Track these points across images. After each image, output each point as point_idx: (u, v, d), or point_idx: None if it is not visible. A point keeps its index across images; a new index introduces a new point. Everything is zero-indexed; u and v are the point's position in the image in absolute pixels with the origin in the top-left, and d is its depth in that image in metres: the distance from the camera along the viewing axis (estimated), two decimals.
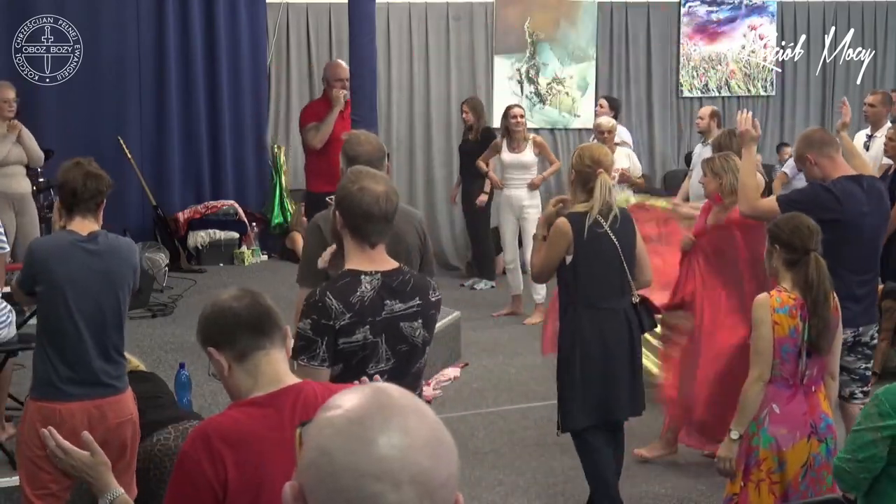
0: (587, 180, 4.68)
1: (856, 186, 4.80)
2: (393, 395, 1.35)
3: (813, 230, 3.94)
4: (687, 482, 5.57)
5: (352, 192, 3.19)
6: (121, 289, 4.10)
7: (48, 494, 4.00)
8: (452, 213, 11.01)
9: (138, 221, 10.28)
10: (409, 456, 1.28)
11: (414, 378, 3.29)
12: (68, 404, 3.96)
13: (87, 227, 4.07)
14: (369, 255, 3.22)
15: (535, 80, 11.51)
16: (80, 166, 4.11)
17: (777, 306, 3.88)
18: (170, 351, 7.54)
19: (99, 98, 10.04)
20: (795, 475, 3.88)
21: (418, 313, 3.23)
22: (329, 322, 3.10)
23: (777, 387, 3.91)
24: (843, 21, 12.41)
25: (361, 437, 1.28)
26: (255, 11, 10.65)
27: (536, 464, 5.82)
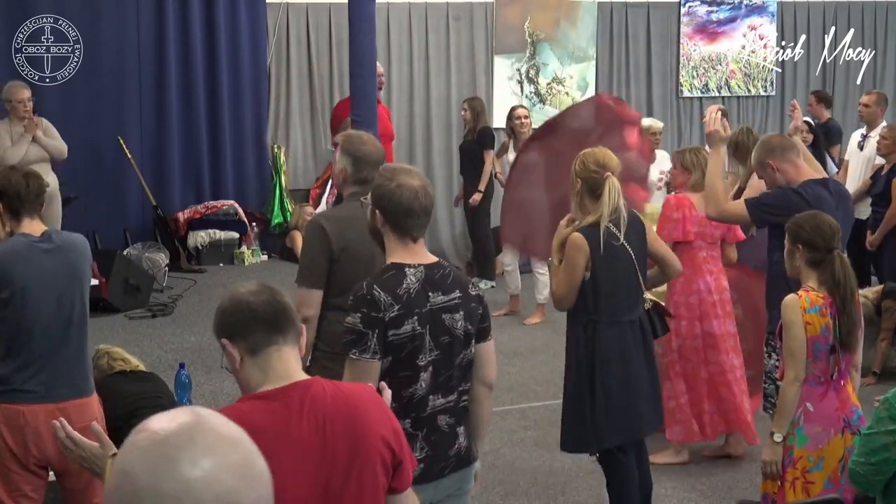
0: (595, 187, 4.45)
1: (824, 190, 4.76)
2: (203, 417, 1.31)
3: (835, 229, 3.93)
4: (687, 482, 5.57)
5: (390, 189, 3.23)
6: (82, 284, 4.09)
7: (22, 496, 3.98)
8: (452, 214, 11.01)
9: (138, 221, 10.29)
10: (214, 476, 1.25)
11: (460, 370, 3.30)
12: (31, 406, 3.93)
13: (37, 227, 4.04)
14: (411, 249, 3.27)
15: (535, 80, 11.51)
16: (17, 170, 4.14)
17: (807, 306, 3.88)
18: (170, 351, 7.55)
19: (99, 98, 10.04)
20: (835, 470, 3.91)
21: (459, 305, 3.26)
22: (379, 314, 3.12)
23: (809, 385, 3.93)
24: (843, 21, 12.42)
25: (163, 457, 1.25)
26: (255, 11, 10.65)
27: (536, 464, 5.82)
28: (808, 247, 3.94)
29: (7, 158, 7.78)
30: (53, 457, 3.97)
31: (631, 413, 4.57)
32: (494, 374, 3.45)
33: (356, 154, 4.10)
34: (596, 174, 4.44)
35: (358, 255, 3.90)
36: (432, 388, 3.22)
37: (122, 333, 8.00)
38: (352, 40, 7.20)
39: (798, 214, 4.10)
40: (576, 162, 4.57)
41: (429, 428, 3.24)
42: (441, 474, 3.29)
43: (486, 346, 3.38)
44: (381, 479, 2.45)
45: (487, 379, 3.41)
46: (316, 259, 3.98)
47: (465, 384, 3.34)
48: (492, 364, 3.42)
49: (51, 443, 3.94)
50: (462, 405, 3.35)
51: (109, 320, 8.33)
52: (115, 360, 5.20)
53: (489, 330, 3.39)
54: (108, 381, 5.06)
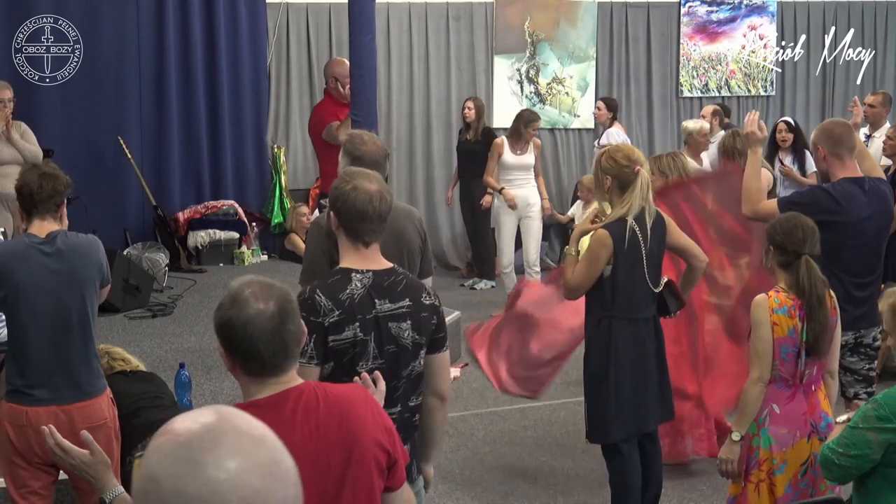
0: (626, 181, 4.45)
1: (857, 188, 4.76)
2: (227, 417, 1.30)
3: (807, 233, 3.91)
4: (687, 482, 5.57)
5: (345, 191, 3.20)
6: (85, 288, 4.04)
7: (31, 493, 3.99)
8: (452, 214, 11.01)
9: (138, 221, 10.28)
10: (240, 477, 1.24)
11: (408, 382, 3.24)
12: (35, 407, 3.93)
13: (45, 228, 4.01)
14: (363, 254, 3.22)
15: (535, 80, 11.51)
16: (37, 168, 4.11)
17: (775, 307, 3.88)
18: (170, 351, 7.54)
19: (99, 98, 10.03)
20: (795, 474, 3.89)
21: (407, 314, 3.20)
22: (318, 319, 3.08)
23: (777, 387, 3.91)
24: (843, 21, 12.41)
25: (188, 459, 1.24)
26: (255, 11, 10.65)
27: (536, 464, 5.82)
28: (778, 249, 3.94)
29: None
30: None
31: (639, 408, 4.60)
32: (447, 386, 3.40)
33: (355, 153, 4.09)
34: (627, 169, 4.45)
35: None
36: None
37: (122, 333, 7.99)
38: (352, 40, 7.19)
39: (777, 217, 4.13)
40: (601, 159, 4.57)
41: None
42: None
43: (440, 356, 3.32)
44: (376, 481, 2.44)
45: (439, 390, 3.36)
46: (317, 261, 3.98)
47: (414, 398, 3.27)
48: (444, 375, 3.36)
49: None
50: (410, 420, 3.28)
51: (109, 320, 8.32)
52: (115, 360, 5.20)
53: (444, 341, 3.32)
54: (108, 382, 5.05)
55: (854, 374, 4.90)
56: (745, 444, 3.94)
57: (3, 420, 3.97)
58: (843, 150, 4.82)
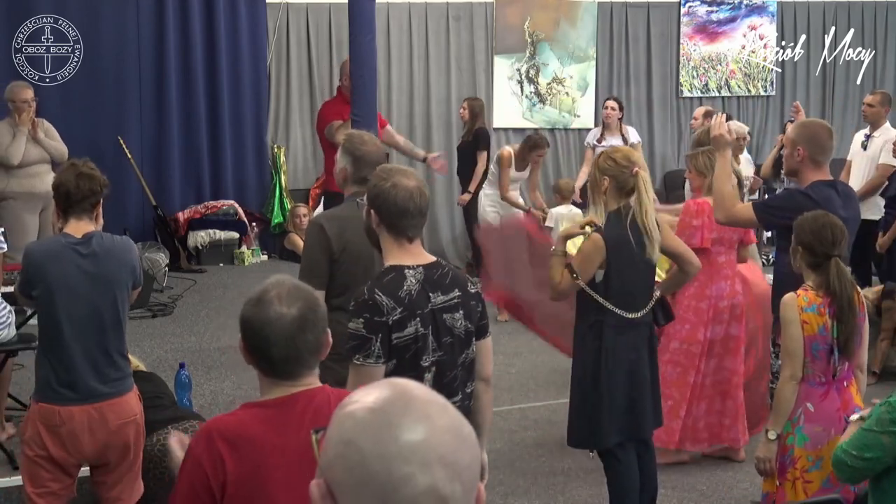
0: (624, 183, 4.40)
1: (832, 191, 4.73)
2: (410, 386, 1.36)
3: (837, 234, 3.88)
4: (687, 482, 5.57)
5: (385, 189, 3.22)
6: (118, 290, 4.05)
7: (49, 493, 4.00)
8: (453, 214, 11.02)
9: (138, 221, 10.29)
10: (434, 438, 1.29)
11: (464, 370, 3.30)
12: (68, 407, 3.95)
13: (82, 228, 4.03)
14: (408, 250, 3.26)
15: (535, 80, 11.51)
16: (74, 167, 4.09)
17: (805, 305, 3.87)
18: (170, 351, 7.55)
19: (99, 98, 10.04)
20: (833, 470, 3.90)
21: (459, 304, 3.26)
22: (382, 318, 3.12)
23: (810, 385, 3.92)
24: (843, 21, 12.42)
25: (385, 423, 1.29)
26: (255, 11, 10.66)
27: (536, 464, 5.82)
28: (807, 250, 3.93)
29: (8, 157, 7.78)
30: (90, 453, 4.01)
31: (633, 413, 4.57)
32: (491, 369, 3.47)
33: (356, 153, 4.09)
34: (626, 169, 4.39)
35: (358, 254, 3.89)
36: (437, 388, 3.18)
37: None
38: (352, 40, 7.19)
39: (807, 213, 4.05)
40: (598, 160, 4.51)
41: None
42: None
43: (485, 342, 3.39)
44: None
45: (484, 374, 3.43)
46: (317, 259, 3.98)
47: (469, 384, 3.33)
48: (489, 359, 3.44)
49: (87, 440, 3.96)
50: (468, 407, 3.34)
51: None
52: None
53: (487, 327, 3.40)
54: None
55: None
56: (780, 442, 3.95)
57: (35, 421, 3.98)
58: (823, 156, 4.78)
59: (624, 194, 4.42)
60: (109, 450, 4.04)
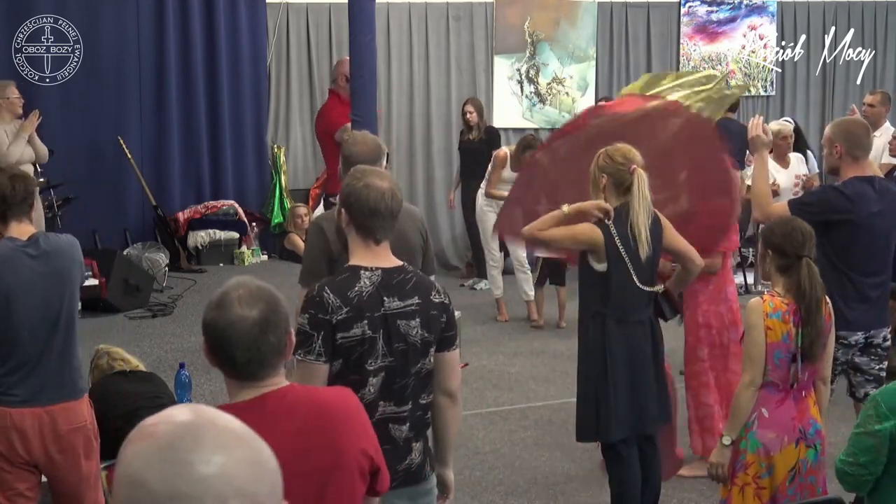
0: (622, 181, 4.43)
1: (868, 187, 4.73)
2: (203, 413, 1.30)
3: (806, 235, 3.87)
4: (687, 482, 5.57)
5: (357, 188, 3.21)
6: (69, 288, 4.05)
7: (17, 495, 3.99)
8: (452, 214, 11.01)
9: (138, 221, 10.29)
10: (230, 470, 1.24)
11: (417, 380, 3.24)
12: (19, 409, 3.93)
13: (24, 231, 4.00)
14: (373, 252, 3.23)
15: (535, 80, 11.51)
16: (3, 172, 4.10)
17: (770, 311, 3.83)
18: (170, 351, 7.55)
19: (99, 98, 10.04)
20: (783, 480, 3.86)
21: (416, 312, 3.20)
22: (326, 316, 3.09)
23: (767, 391, 3.88)
24: (843, 21, 12.41)
25: (175, 460, 1.24)
26: (255, 11, 10.66)
27: (536, 464, 5.82)
28: (777, 252, 3.89)
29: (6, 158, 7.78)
30: (40, 458, 3.98)
31: (637, 408, 4.58)
32: (457, 384, 3.38)
33: (345, 153, 4.14)
34: (622, 167, 4.41)
35: None
36: (383, 394, 3.17)
37: (122, 333, 8.00)
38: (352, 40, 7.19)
39: (773, 220, 4.07)
40: (598, 158, 4.52)
41: (380, 435, 3.12)
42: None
43: (449, 355, 3.30)
44: (358, 486, 2.44)
45: (449, 388, 3.34)
46: (316, 260, 3.98)
47: (425, 396, 3.27)
48: (453, 373, 3.35)
49: (37, 444, 3.94)
50: (421, 418, 3.28)
51: (109, 320, 8.33)
52: (115, 360, 5.20)
53: (454, 339, 3.31)
54: (108, 381, 5.06)
55: (864, 374, 4.87)
56: (734, 447, 3.92)
57: None
58: (860, 151, 4.80)
59: (622, 192, 4.43)
60: (60, 456, 4.00)
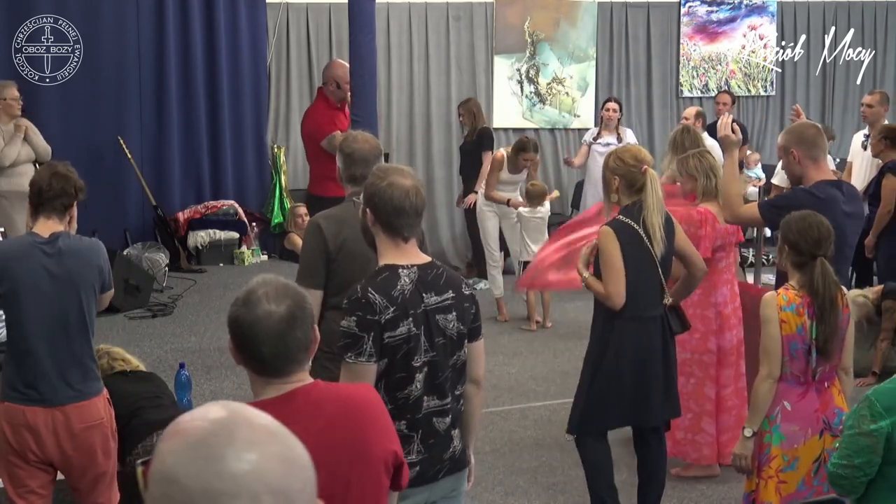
0: (633, 181, 4.49)
1: (836, 190, 4.72)
2: (236, 411, 1.31)
3: (823, 233, 3.89)
4: (687, 482, 5.57)
5: (381, 188, 3.22)
6: (84, 291, 4.02)
7: (29, 492, 4.00)
8: (452, 214, 11.02)
9: (138, 221, 10.29)
10: (262, 466, 1.25)
11: (454, 372, 3.28)
12: (32, 407, 3.94)
13: (50, 228, 4.00)
14: (403, 250, 3.25)
15: (535, 80, 11.51)
16: (51, 167, 4.09)
17: (784, 304, 3.88)
18: (170, 351, 7.55)
19: (99, 98, 10.04)
20: (808, 471, 3.91)
21: (452, 306, 3.24)
22: (374, 317, 3.10)
23: (788, 384, 3.93)
24: (843, 21, 12.41)
25: (208, 457, 1.25)
26: (255, 11, 10.66)
27: (536, 464, 5.82)
28: (793, 249, 3.93)
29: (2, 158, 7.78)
30: (54, 456, 3.99)
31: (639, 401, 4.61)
32: (482, 371, 3.46)
33: (346, 151, 4.13)
34: (635, 168, 4.48)
35: (355, 254, 3.89)
36: (427, 389, 3.21)
37: (122, 333, 8.00)
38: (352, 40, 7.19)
39: (794, 212, 4.08)
40: (608, 160, 4.59)
41: (425, 430, 3.22)
42: (436, 478, 3.27)
43: (477, 344, 3.37)
44: (384, 481, 2.46)
45: (476, 376, 3.41)
46: (314, 259, 3.98)
47: (459, 386, 3.32)
48: (481, 361, 3.42)
49: (50, 442, 3.95)
50: (458, 409, 3.33)
51: (109, 320, 8.33)
52: (115, 360, 5.20)
53: (480, 329, 3.39)
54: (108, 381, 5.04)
55: None
56: (758, 440, 3.97)
57: (1, 420, 3.97)
58: (817, 151, 4.75)
59: (634, 192, 4.51)
60: (75, 453, 4.01)
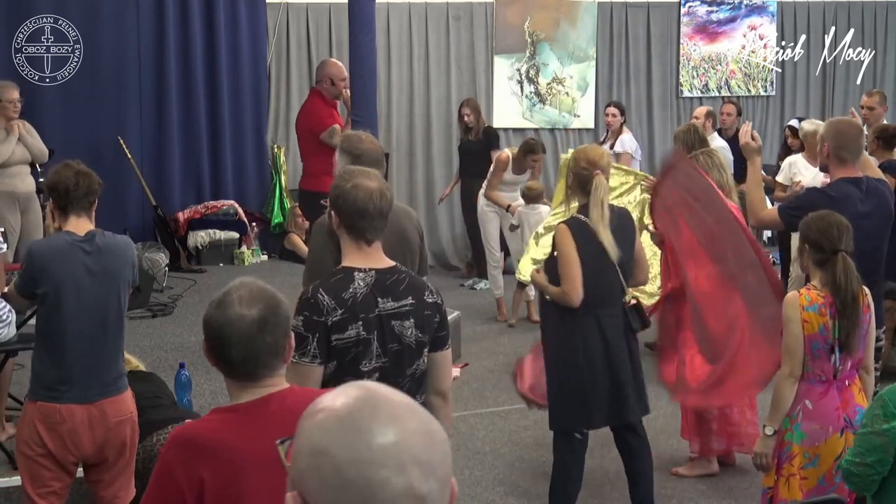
0: (584, 183, 4.63)
1: (853, 188, 4.73)
2: (376, 389, 1.37)
3: (843, 230, 3.95)
4: (687, 482, 5.57)
5: (346, 189, 3.20)
6: (121, 287, 4.10)
7: (50, 493, 4.01)
8: (452, 214, 11.01)
9: (138, 221, 10.28)
10: (406, 439, 1.30)
11: (412, 381, 3.24)
12: (69, 405, 3.97)
13: (82, 226, 4.05)
14: (365, 253, 3.22)
15: (535, 80, 11.51)
16: (70, 166, 4.11)
17: (806, 304, 3.93)
18: (170, 351, 7.54)
19: (99, 98, 10.03)
20: (829, 469, 3.95)
21: (410, 313, 3.20)
22: (320, 318, 3.08)
23: (810, 383, 3.97)
24: (843, 21, 12.41)
25: (355, 429, 1.30)
26: (255, 11, 10.65)
27: (536, 464, 5.82)
28: (814, 247, 3.98)
29: None
30: (90, 450, 4.03)
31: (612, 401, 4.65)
32: (449, 384, 3.39)
33: (355, 152, 4.10)
34: (585, 171, 4.62)
35: None
36: None
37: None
38: (352, 40, 7.20)
39: (811, 213, 4.11)
40: (569, 158, 4.77)
41: None
42: None
43: (442, 354, 3.32)
44: None
45: (441, 387, 3.35)
46: (321, 260, 3.98)
47: (419, 396, 3.26)
48: (446, 373, 3.36)
49: (87, 438, 3.97)
50: None
51: None
52: None
53: (446, 339, 3.33)
54: None
55: None
56: (779, 438, 4.00)
57: (33, 420, 3.99)
58: (846, 153, 4.78)
59: (585, 193, 4.64)
60: (107, 447, 4.07)
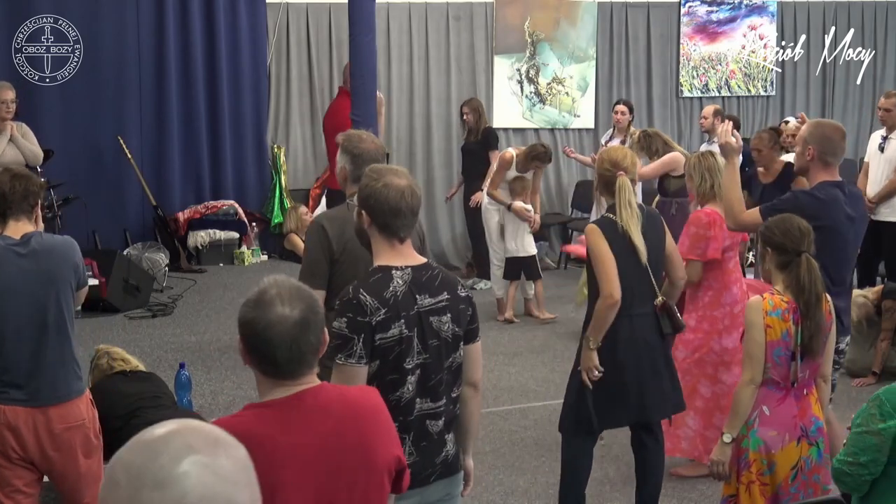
0: (609, 184, 4.61)
1: (838, 191, 4.72)
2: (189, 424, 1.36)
3: (804, 231, 3.91)
4: (687, 482, 5.57)
5: (377, 189, 3.20)
6: (60, 289, 4.01)
7: (15, 491, 3.99)
8: (452, 214, 11.02)
9: (138, 221, 10.29)
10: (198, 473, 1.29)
11: (450, 374, 3.26)
12: (13, 407, 3.93)
13: (20, 230, 3.99)
14: (398, 251, 3.23)
15: (535, 80, 11.51)
16: (7, 171, 4.09)
17: (769, 309, 3.85)
18: (170, 351, 7.55)
19: (99, 98, 10.04)
20: (785, 477, 3.88)
21: (447, 308, 3.22)
22: (365, 319, 3.08)
23: (768, 389, 3.90)
24: (843, 21, 12.42)
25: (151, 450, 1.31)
26: (255, 11, 10.66)
27: (536, 464, 5.82)
28: (777, 250, 3.92)
29: None
30: (35, 456, 3.98)
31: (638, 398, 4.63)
32: (480, 374, 3.43)
33: (354, 152, 4.09)
34: (609, 172, 4.61)
35: (358, 255, 3.88)
36: (420, 391, 3.19)
37: (122, 333, 8.00)
38: (352, 40, 7.20)
39: (771, 218, 4.10)
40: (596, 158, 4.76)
41: (417, 432, 3.20)
42: (427, 481, 3.25)
43: (474, 347, 3.35)
44: (386, 486, 2.46)
45: (474, 379, 3.39)
46: (317, 260, 3.98)
47: (455, 389, 3.30)
48: (478, 364, 3.40)
49: (31, 442, 3.94)
50: (453, 412, 3.31)
51: (109, 320, 8.33)
52: (115, 360, 5.20)
53: (477, 331, 3.36)
54: (108, 381, 5.07)
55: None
56: (736, 445, 3.94)
57: None
58: (832, 157, 4.75)
59: (610, 194, 4.63)
60: (54, 454, 4.00)
